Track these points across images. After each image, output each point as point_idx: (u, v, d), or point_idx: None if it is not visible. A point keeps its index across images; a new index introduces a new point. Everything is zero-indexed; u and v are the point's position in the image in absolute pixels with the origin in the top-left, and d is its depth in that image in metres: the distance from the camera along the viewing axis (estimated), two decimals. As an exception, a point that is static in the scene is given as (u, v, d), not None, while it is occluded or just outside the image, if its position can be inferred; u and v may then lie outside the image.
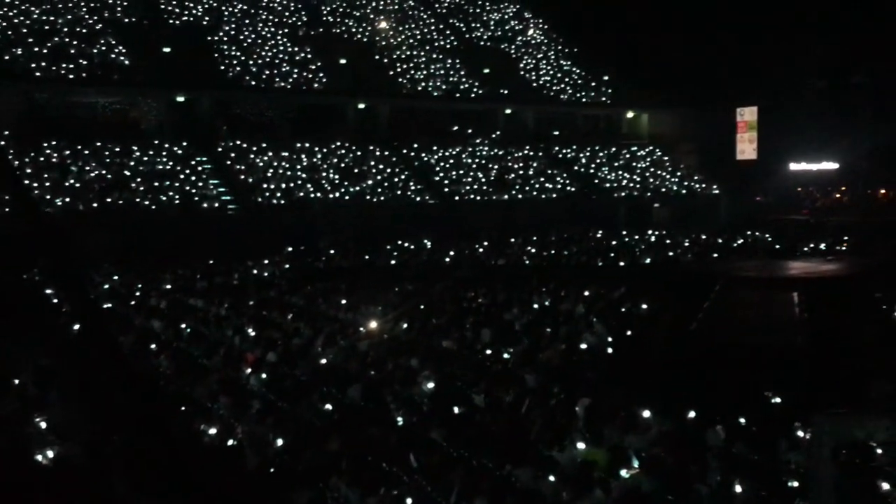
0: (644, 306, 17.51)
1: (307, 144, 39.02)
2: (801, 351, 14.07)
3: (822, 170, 49.08)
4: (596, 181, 44.22)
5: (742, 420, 9.15)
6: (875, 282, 19.47)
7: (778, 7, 48.05)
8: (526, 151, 44.77)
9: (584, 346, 14.04)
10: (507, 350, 13.54)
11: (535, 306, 17.84)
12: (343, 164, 38.55)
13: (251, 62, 41.37)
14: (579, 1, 51.31)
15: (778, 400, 9.84)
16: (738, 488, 7.18)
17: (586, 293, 18.94)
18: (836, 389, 10.81)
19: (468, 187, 39.79)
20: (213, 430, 9.17)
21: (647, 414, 9.35)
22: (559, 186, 42.37)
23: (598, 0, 49.87)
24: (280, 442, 8.87)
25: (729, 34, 47.11)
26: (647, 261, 26.51)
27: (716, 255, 27.91)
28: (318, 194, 35.60)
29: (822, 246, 28.79)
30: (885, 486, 6.51)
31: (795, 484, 7.07)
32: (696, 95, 46.92)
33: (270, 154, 37.36)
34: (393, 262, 27.71)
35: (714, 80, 47.07)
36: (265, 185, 35.04)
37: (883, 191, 48.49)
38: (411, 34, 50.02)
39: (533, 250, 29.98)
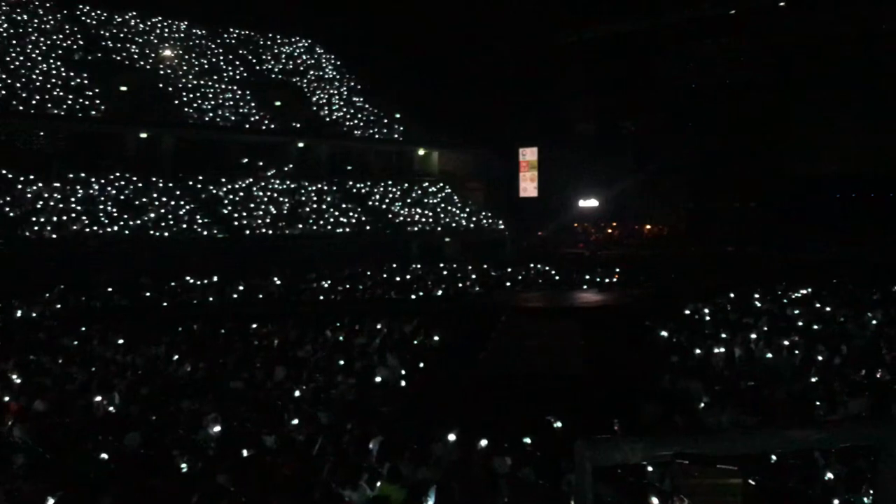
0: (436, 338, 17.86)
1: (82, 175, 36.48)
2: (580, 376, 14.93)
3: (596, 207, 52.96)
4: (389, 216, 44.86)
5: (528, 446, 9.52)
6: (644, 310, 21.13)
7: (555, 57, 51.72)
8: (319, 186, 44.60)
9: (378, 379, 14.07)
10: (299, 388, 13.26)
11: (329, 342, 17.67)
12: (122, 197, 36.39)
13: (19, 86, 38.18)
14: (369, 40, 52.25)
15: (559, 424, 10.32)
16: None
17: (380, 327, 19.04)
18: (611, 412, 11.55)
19: (259, 221, 38.91)
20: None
21: (439, 445, 9.49)
22: (353, 221, 42.52)
23: (388, 41, 51.01)
24: (50, 501, 8.07)
25: (512, 79, 49.92)
26: (439, 294, 27.15)
27: (503, 287, 29.10)
28: (95, 228, 33.30)
29: (597, 278, 30.93)
30: (655, 501, 7.01)
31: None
32: (483, 136, 49.13)
33: (40, 185, 34.53)
34: (177, 299, 26.41)
35: (499, 122, 49.55)
36: (34, 219, 32.28)
37: (648, 226, 53.11)
38: (198, 63, 48.52)
39: (326, 285, 29.77)
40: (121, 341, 17.45)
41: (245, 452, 9.64)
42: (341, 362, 15.16)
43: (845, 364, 13.54)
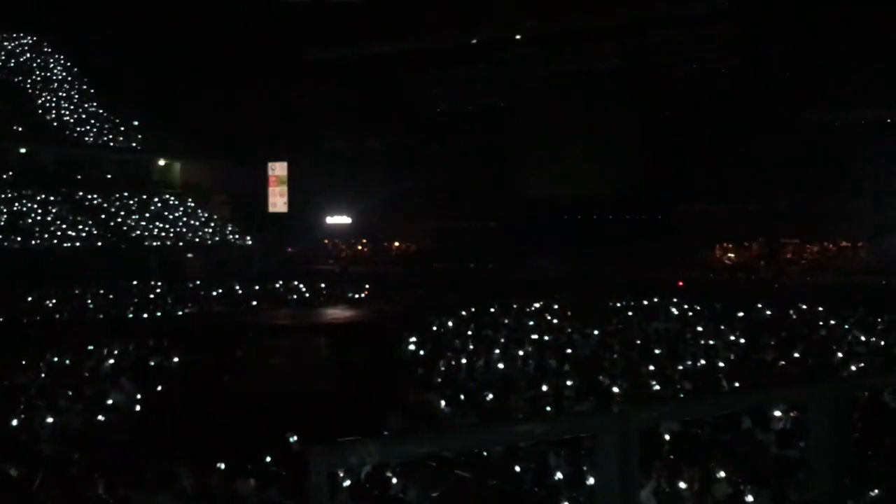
0: (176, 359, 16.95)
1: None
2: (328, 392, 14.89)
3: (347, 223, 53.44)
4: (125, 229, 42.01)
5: (272, 465, 9.29)
6: (392, 325, 21.57)
7: (305, 73, 51.58)
8: (44, 196, 40.75)
9: (109, 403, 13.09)
10: (16, 417, 11.95)
11: (53, 366, 16.11)
12: None
13: None
14: (106, 42, 48.82)
15: (302, 441, 10.17)
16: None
17: (113, 349, 17.71)
18: (359, 423, 11.61)
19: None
20: None
21: (182, 469, 8.98)
22: (84, 234, 39.28)
23: (128, 45, 48.02)
24: None
25: (261, 92, 49.05)
26: (180, 312, 25.88)
27: (250, 304, 28.35)
28: None
29: (347, 294, 31.14)
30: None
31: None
32: (230, 148, 47.75)
33: None
34: None
35: (247, 135, 48.46)
36: None
37: (396, 243, 54.48)
38: None
39: (51, 304, 27.22)
40: None
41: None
42: (68, 389, 13.86)
43: (572, 371, 14.67)
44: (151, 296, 30.42)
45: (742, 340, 17.72)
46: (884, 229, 40.26)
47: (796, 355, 15.50)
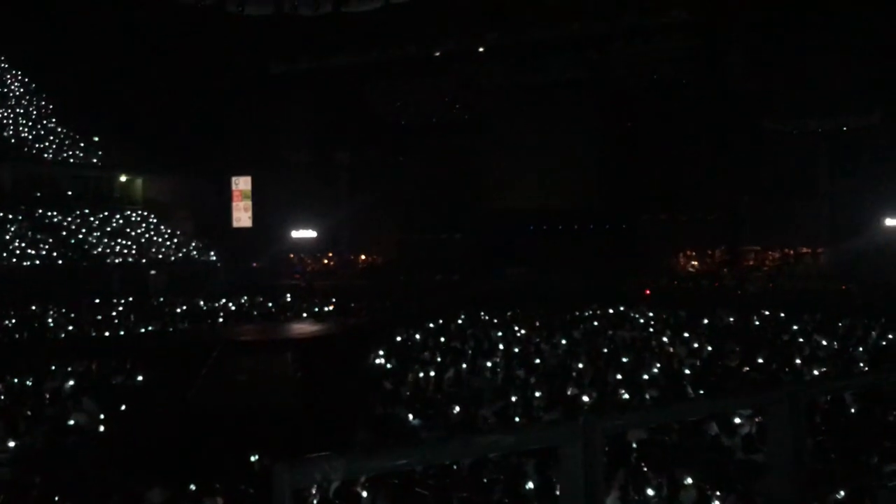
0: (140, 378, 16.70)
1: None
2: (295, 409, 14.78)
3: (313, 237, 53.10)
4: (86, 247, 41.36)
5: (239, 485, 9.20)
6: (359, 338, 21.47)
7: (268, 86, 51.27)
8: (2, 214, 40.00)
9: (72, 424, 12.85)
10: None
11: (13, 387, 15.77)
12: None
13: None
14: (64, 57, 48.11)
15: (260, 457, 10.07)
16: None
17: (75, 368, 17.39)
18: (326, 441, 11.53)
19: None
20: None
21: (148, 490, 8.85)
22: (44, 252, 38.60)
23: (88, 60, 47.36)
24: None
25: (224, 106, 48.64)
26: (144, 330, 25.52)
27: (214, 320, 28.04)
28: None
29: (314, 308, 30.91)
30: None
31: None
32: (193, 162, 47.28)
33: None
34: None
35: (210, 149, 48.02)
36: None
37: (363, 256, 54.26)
38: None
39: (11, 323, 26.66)
40: None
41: None
42: (28, 410, 13.59)
43: (540, 381, 14.72)
44: (114, 313, 29.94)
45: (708, 347, 17.93)
46: (843, 235, 41.00)
47: (760, 361, 15.71)
